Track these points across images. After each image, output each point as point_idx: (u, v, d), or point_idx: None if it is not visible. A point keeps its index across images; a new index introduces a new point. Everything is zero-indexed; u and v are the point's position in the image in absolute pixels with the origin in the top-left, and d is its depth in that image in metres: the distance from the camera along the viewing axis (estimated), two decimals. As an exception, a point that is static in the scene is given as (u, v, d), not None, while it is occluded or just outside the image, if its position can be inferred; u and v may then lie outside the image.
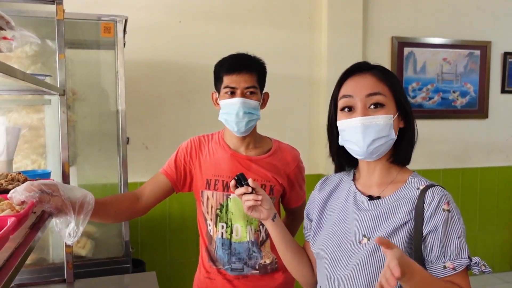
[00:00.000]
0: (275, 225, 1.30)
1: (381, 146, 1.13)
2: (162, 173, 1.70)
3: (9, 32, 1.13)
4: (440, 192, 1.09)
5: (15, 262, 0.85)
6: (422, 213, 1.08)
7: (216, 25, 3.27)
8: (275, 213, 1.31)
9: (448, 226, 1.06)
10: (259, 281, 1.70)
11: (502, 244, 4.14)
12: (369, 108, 1.12)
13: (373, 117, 1.11)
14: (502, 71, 4.02)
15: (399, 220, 1.10)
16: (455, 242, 1.05)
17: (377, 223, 1.13)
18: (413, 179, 1.17)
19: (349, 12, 3.45)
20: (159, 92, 3.18)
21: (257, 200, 1.25)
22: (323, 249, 1.21)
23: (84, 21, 2.42)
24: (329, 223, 1.24)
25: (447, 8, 3.83)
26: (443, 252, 1.06)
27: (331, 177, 1.35)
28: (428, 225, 1.07)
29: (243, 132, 1.64)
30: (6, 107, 2.35)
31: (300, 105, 3.51)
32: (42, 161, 2.38)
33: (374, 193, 1.19)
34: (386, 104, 1.13)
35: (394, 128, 1.13)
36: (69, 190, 1.22)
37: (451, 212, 1.07)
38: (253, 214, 1.29)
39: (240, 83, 1.59)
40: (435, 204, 1.07)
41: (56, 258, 2.35)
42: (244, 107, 1.59)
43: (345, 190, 1.26)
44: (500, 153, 4.10)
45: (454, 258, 1.05)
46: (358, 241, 1.14)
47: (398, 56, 3.69)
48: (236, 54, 1.67)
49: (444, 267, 1.05)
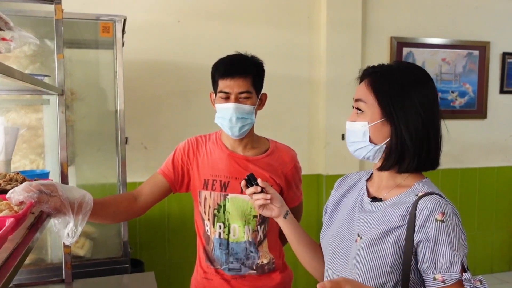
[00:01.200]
0: (287, 222, 1.33)
1: (361, 150, 1.16)
2: (159, 173, 1.70)
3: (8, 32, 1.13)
4: (435, 202, 1.06)
5: (13, 263, 0.85)
6: (414, 220, 1.06)
7: (215, 25, 3.27)
8: (287, 211, 1.34)
9: (440, 237, 1.03)
10: (257, 281, 1.70)
11: (500, 244, 4.15)
12: (355, 113, 1.17)
13: (351, 123, 1.17)
14: (501, 71, 4.03)
15: (392, 223, 1.09)
16: (447, 255, 1.02)
17: (371, 224, 1.13)
18: (419, 185, 1.14)
19: (348, 12, 3.45)
20: (158, 92, 3.18)
21: (266, 199, 1.29)
22: (328, 245, 1.25)
23: (83, 20, 2.42)
24: (338, 221, 1.27)
25: (446, 8, 3.83)
26: (433, 263, 1.03)
27: (351, 175, 1.37)
28: (419, 233, 1.05)
29: (237, 136, 1.64)
30: (4, 107, 2.34)
31: (299, 105, 3.51)
32: (40, 161, 2.38)
33: (381, 195, 1.19)
34: (364, 111, 1.14)
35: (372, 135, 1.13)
36: (68, 190, 1.21)
37: (445, 223, 1.04)
38: (264, 212, 1.33)
39: (233, 88, 1.59)
40: (426, 213, 1.05)
41: (55, 258, 2.34)
42: (237, 113, 1.59)
43: (357, 190, 1.28)
44: (499, 153, 4.10)
45: (445, 271, 1.02)
46: (354, 240, 1.16)
47: (397, 56, 3.69)
48: (231, 56, 1.66)
49: (434, 278, 1.03)
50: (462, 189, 3.98)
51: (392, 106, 1.11)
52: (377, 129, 1.13)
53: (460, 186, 3.97)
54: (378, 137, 1.13)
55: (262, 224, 1.69)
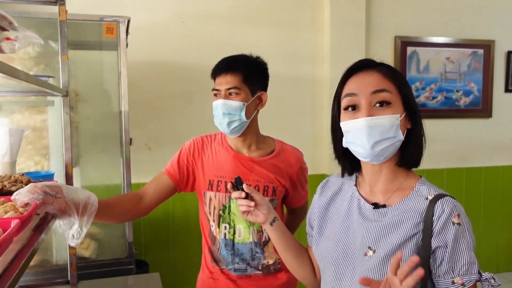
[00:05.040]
0: (273, 229, 1.28)
1: (388, 148, 1.05)
2: (164, 173, 1.70)
3: (12, 32, 1.13)
4: (450, 204, 1.02)
5: (19, 264, 0.85)
6: (431, 226, 1.02)
7: (219, 25, 3.26)
8: (274, 217, 1.28)
9: (458, 240, 1.00)
10: (262, 281, 1.69)
11: (506, 243, 4.13)
12: (374, 107, 1.05)
13: (379, 117, 1.03)
14: (505, 70, 4.01)
15: (406, 232, 1.04)
16: (465, 257, 1.00)
17: (383, 235, 1.06)
18: (421, 187, 1.10)
19: (352, 12, 3.44)
20: (162, 92, 3.18)
21: (250, 206, 1.24)
22: (328, 259, 1.17)
23: (87, 22, 2.42)
24: (332, 231, 1.19)
25: (450, 7, 3.82)
26: (452, 267, 1.01)
27: (331, 179, 1.30)
28: (437, 238, 1.01)
29: (228, 133, 1.65)
30: (9, 109, 2.35)
31: (303, 105, 3.50)
32: (45, 163, 2.38)
33: (379, 200, 1.13)
34: (392, 103, 1.05)
35: (401, 129, 1.05)
36: (73, 191, 1.21)
37: (462, 226, 1.01)
38: (249, 218, 1.28)
39: (222, 85, 1.61)
40: (445, 217, 1.01)
41: (60, 259, 2.35)
42: (224, 108, 1.60)
43: (347, 196, 1.20)
44: (504, 153, 4.08)
45: (464, 274, 1.00)
46: (363, 253, 1.08)
47: (401, 56, 3.68)
48: (227, 57, 1.68)
49: (453, 282, 1.01)
50: (467, 189, 3.96)
51: (411, 96, 1.09)
52: (402, 123, 1.06)
53: (465, 185, 3.95)
54: (402, 130, 1.07)
55: (267, 224, 1.68)
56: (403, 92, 1.08)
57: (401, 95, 1.08)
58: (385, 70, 1.10)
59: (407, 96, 1.08)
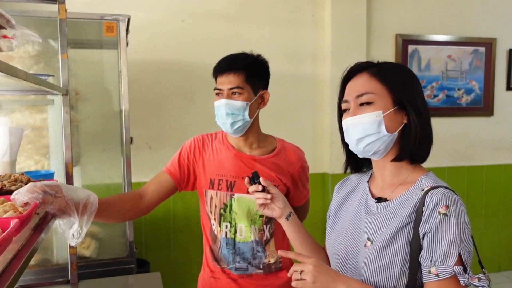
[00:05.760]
0: (289, 224, 1.32)
1: (374, 144, 1.12)
2: (165, 171, 1.69)
3: (10, 30, 1.12)
4: (440, 195, 1.04)
5: (18, 264, 0.85)
6: (421, 216, 1.04)
7: (219, 24, 3.26)
8: (290, 212, 1.32)
9: (440, 230, 1.01)
10: (264, 280, 1.69)
11: (508, 242, 4.12)
12: (358, 108, 1.13)
13: (358, 116, 1.12)
14: (507, 68, 3.99)
15: (399, 223, 1.07)
16: (443, 248, 1.00)
17: (380, 227, 1.11)
18: (423, 180, 1.12)
19: (353, 10, 3.43)
20: (162, 91, 3.17)
21: (266, 198, 1.28)
22: (334, 249, 1.23)
23: (87, 20, 2.41)
24: (343, 224, 1.25)
25: (451, 5, 3.80)
26: (429, 255, 1.02)
27: (351, 177, 1.35)
28: (424, 227, 1.03)
29: (231, 133, 1.64)
30: (9, 108, 2.34)
31: (304, 103, 3.49)
32: (45, 162, 2.38)
33: (386, 194, 1.17)
34: (375, 101, 1.11)
35: (390, 124, 1.11)
36: (73, 191, 1.21)
37: (448, 216, 1.01)
38: (265, 211, 1.32)
39: (225, 85, 1.60)
40: (432, 206, 1.03)
41: (60, 259, 2.34)
42: (227, 108, 1.59)
43: (360, 192, 1.26)
44: (505, 151, 4.07)
45: (439, 264, 1.00)
46: (363, 245, 1.14)
47: (403, 54, 3.66)
48: (229, 55, 1.66)
49: (429, 271, 1.01)
50: (468, 187, 3.95)
51: (406, 93, 1.13)
52: (391, 118, 1.11)
53: (467, 184, 3.94)
54: (392, 126, 1.12)
55: (268, 223, 1.68)
56: (394, 88, 1.12)
57: (390, 92, 1.12)
58: (374, 71, 1.15)
59: (397, 92, 1.12)
